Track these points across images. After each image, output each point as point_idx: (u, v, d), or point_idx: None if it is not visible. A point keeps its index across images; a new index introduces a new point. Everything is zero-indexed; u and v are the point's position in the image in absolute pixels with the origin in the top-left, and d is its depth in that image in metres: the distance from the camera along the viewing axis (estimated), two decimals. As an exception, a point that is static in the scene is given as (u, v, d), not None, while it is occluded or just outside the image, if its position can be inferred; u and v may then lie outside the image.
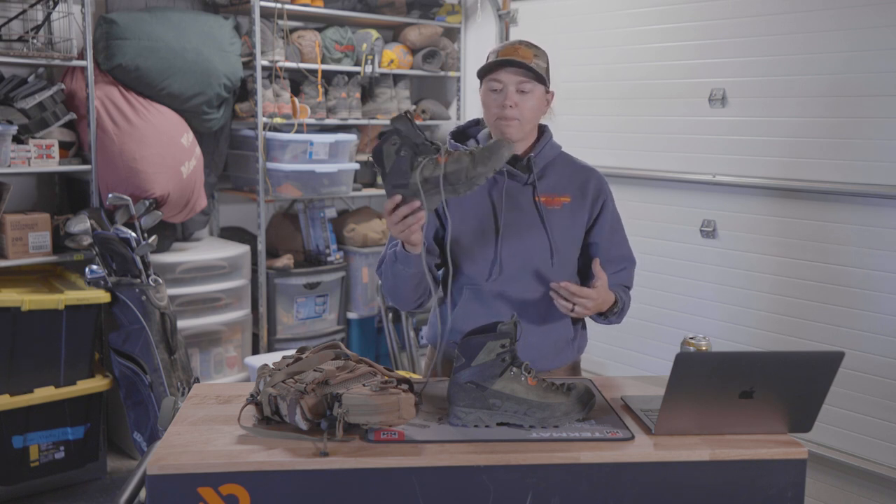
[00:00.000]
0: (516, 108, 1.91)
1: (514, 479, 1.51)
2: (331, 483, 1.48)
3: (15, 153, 3.23)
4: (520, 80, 1.91)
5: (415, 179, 1.63)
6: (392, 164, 1.66)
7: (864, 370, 3.01)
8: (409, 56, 4.55)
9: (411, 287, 1.91)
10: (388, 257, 1.92)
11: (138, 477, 1.69)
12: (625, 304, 2.01)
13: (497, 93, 1.93)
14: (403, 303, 1.97)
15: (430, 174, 1.64)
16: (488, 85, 1.94)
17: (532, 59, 1.91)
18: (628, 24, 3.79)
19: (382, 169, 1.68)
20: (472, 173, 1.64)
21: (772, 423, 1.63)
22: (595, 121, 3.94)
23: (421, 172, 1.63)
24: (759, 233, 3.33)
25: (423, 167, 1.64)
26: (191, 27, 3.73)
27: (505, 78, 1.91)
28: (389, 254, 1.91)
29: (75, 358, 3.32)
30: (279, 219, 4.48)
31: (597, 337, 3.84)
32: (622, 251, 2.06)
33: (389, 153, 1.66)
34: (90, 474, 3.44)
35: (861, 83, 2.99)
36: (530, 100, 1.93)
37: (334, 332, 4.39)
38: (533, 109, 1.95)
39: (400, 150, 1.65)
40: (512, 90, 1.91)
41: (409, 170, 1.64)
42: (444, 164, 1.63)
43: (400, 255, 1.85)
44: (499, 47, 1.95)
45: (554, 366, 2.02)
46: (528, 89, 1.92)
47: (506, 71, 1.90)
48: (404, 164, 1.65)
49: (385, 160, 1.66)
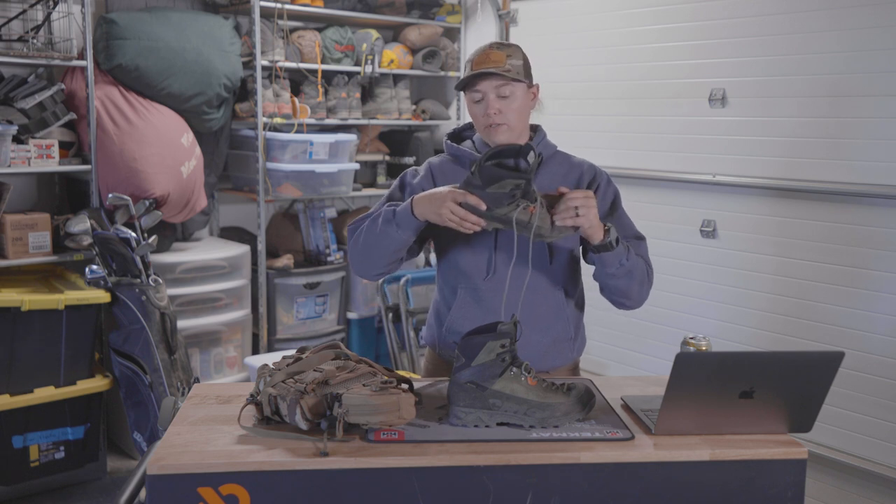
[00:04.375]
0: (501, 114, 1.91)
1: (514, 479, 1.51)
2: (331, 483, 1.48)
3: (15, 153, 3.24)
4: (497, 86, 1.91)
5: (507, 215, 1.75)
6: (495, 191, 1.75)
7: (864, 370, 3.01)
8: (409, 56, 4.55)
9: (390, 251, 1.89)
10: (384, 214, 1.88)
11: (138, 477, 1.69)
12: (629, 248, 1.91)
13: (479, 103, 1.93)
14: (370, 266, 1.94)
15: (522, 219, 1.76)
16: (470, 96, 1.95)
17: (505, 61, 1.89)
18: (628, 24, 3.79)
19: (483, 185, 1.75)
20: (549, 235, 1.79)
21: (772, 423, 1.63)
22: (595, 121, 3.95)
23: (518, 214, 1.75)
24: (759, 233, 3.33)
25: (520, 211, 1.75)
26: (191, 27, 3.73)
27: (483, 87, 1.91)
28: (386, 211, 1.88)
29: (75, 358, 3.32)
30: (279, 219, 4.48)
31: (597, 337, 3.86)
32: (626, 232, 2.00)
33: (504, 185, 1.74)
34: (90, 474, 3.44)
35: (860, 83, 2.99)
36: (513, 102, 1.92)
37: (334, 332, 4.39)
38: (518, 111, 1.94)
39: (516, 190, 1.75)
40: (492, 98, 1.91)
41: (506, 204, 1.74)
42: (534, 213, 1.76)
43: (402, 217, 1.84)
44: (473, 54, 1.94)
45: (554, 366, 2.01)
46: (507, 93, 1.91)
47: (482, 80, 1.90)
48: (505, 199, 1.75)
49: (494, 185, 1.74)
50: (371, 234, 1.90)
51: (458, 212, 1.76)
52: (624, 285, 1.93)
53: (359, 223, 1.96)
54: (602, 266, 1.90)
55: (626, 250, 1.90)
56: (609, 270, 1.90)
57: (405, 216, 1.84)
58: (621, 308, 2.01)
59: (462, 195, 1.76)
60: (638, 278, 1.93)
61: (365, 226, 1.93)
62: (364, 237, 1.92)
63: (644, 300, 1.99)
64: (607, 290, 1.97)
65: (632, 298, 1.97)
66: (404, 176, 2.07)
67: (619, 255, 1.87)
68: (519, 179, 1.73)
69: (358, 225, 1.96)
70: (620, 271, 1.89)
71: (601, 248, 1.86)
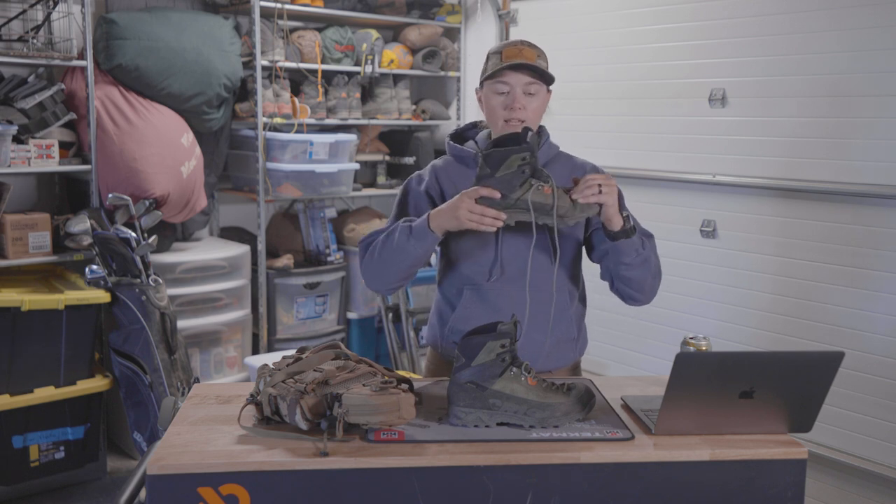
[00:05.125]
0: (524, 110, 1.91)
1: (514, 479, 1.51)
2: (331, 483, 1.48)
3: (15, 153, 3.24)
4: (527, 82, 1.91)
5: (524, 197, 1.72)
6: (506, 174, 1.72)
7: (864, 370, 3.01)
8: (409, 56, 4.55)
9: (406, 266, 1.89)
10: (401, 230, 1.86)
11: (138, 477, 1.69)
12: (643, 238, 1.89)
13: (504, 95, 1.92)
14: (385, 281, 1.94)
15: (538, 200, 1.73)
16: (494, 87, 1.93)
17: (536, 60, 1.90)
18: (628, 24, 3.79)
19: (492, 171, 1.73)
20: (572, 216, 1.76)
21: (772, 423, 1.63)
22: (595, 121, 3.95)
23: (532, 194, 1.72)
24: (759, 233, 3.33)
25: (534, 191, 1.72)
26: (191, 27, 3.73)
27: (512, 80, 1.90)
28: (402, 227, 1.87)
29: (75, 358, 3.32)
30: (279, 219, 4.48)
31: (597, 337, 3.85)
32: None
33: (512, 163, 1.72)
34: (90, 474, 3.44)
35: (860, 83, 2.99)
36: (535, 101, 1.93)
37: (334, 332, 4.39)
38: (537, 111, 1.95)
39: (524, 166, 1.72)
40: (519, 92, 1.91)
41: (519, 186, 1.72)
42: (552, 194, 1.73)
43: (419, 231, 1.83)
44: (500, 47, 1.93)
45: (555, 366, 2.01)
46: (534, 91, 1.92)
47: (513, 72, 1.89)
48: (517, 180, 1.73)
49: (503, 167, 1.72)
50: (387, 249, 1.88)
51: (476, 209, 1.74)
52: (640, 276, 1.90)
53: (371, 238, 1.95)
54: (618, 255, 1.87)
55: (641, 240, 1.88)
56: (626, 260, 1.87)
57: (422, 231, 1.82)
58: (632, 303, 1.98)
59: (475, 192, 1.75)
60: (652, 270, 1.92)
61: (379, 241, 1.91)
62: (379, 253, 1.90)
63: (654, 295, 1.97)
64: (622, 281, 1.93)
65: (644, 291, 1.94)
66: (409, 182, 2.06)
67: (636, 243, 1.85)
68: (523, 152, 1.71)
69: (370, 240, 1.95)
70: (637, 260, 1.87)
71: (621, 234, 1.83)
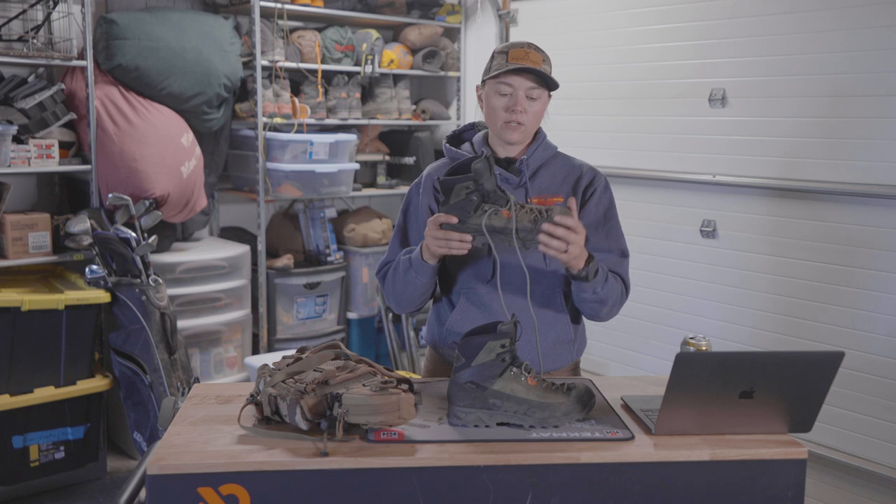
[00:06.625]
0: (525, 114, 1.91)
1: (514, 479, 1.51)
2: (331, 483, 1.48)
3: (15, 153, 3.24)
4: (530, 87, 1.90)
5: (476, 222, 1.75)
6: (457, 202, 1.76)
7: (864, 370, 3.01)
8: (409, 56, 4.55)
9: (420, 293, 1.96)
10: (402, 263, 1.93)
11: (138, 477, 1.69)
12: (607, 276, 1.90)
13: (505, 97, 1.91)
14: (407, 306, 2.01)
15: (495, 224, 1.74)
16: (497, 87, 1.91)
17: (541, 65, 1.89)
18: (628, 25, 3.79)
19: (446, 199, 1.77)
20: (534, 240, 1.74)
21: (772, 423, 1.63)
22: (595, 121, 3.95)
23: (488, 219, 1.74)
24: (759, 233, 3.33)
25: (489, 215, 1.74)
26: (191, 27, 3.73)
27: (516, 82, 1.89)
28: (403, 260, 1.93)
29: (75, 358, 3.32)
30: (279, 219, 4.48)
31: (597, 337, 3.86)
32: (613, 245, 1.98)
33: (459, 192, 1.76)
34: (90, 474, 3.44)
35: (861, 83, 2.99)
36: (536, 105, 1.92)
37: (334, 332, 4.39)
38: (538, 115, 1.95)
39: (471, 194, 1.75)
40: (522, 95, 1.90)
41: (472, 212, 1.75)
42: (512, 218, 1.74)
43: (416, 263, 1.88)
44: (506, 47, 1.92)
45: (553, 368, 2.01)
46: (536, 95, 1.91)
47: (517, 75, 1.89)
48: (469, 206, 1.76)
49: (452, 196, 1.77)
50: (397, 282, 1.97)
51: (439, 234, 1.77)
52: (592, 309, 1.95)
53: (383, 269, 2.04)
54: (577, 289, 1.91)
55: (605, 280, 1.88)
56: (583, 295, 1.91)
57: (418, 263, 1.88)
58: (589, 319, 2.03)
59: (436, 219, 1.78)
60: (609, 304, 1.93)
61: (390, 273, 1.99)
62: (392, 284, 1.99)
63: (611, 318, 2.00)
64: (576, 303, 1.98)
65: (599, 318, 1.98)
66: (410, 191, 2.09)
67: (594, 284, 1.86)
68: (466, 181, 1.74)
69: (383, 272, 2.04)
70: (592, 297, 1.90)
71: (579, 276, 1.85)
